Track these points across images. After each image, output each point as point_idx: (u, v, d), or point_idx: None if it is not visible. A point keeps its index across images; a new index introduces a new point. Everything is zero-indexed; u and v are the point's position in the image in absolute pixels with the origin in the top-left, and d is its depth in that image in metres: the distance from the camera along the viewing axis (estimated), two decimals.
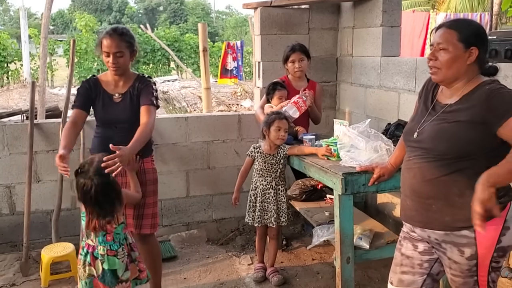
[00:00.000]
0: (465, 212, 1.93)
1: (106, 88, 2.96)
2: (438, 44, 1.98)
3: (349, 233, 2.89)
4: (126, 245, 2.65)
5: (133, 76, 2.99)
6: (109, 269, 2.55)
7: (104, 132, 2.96)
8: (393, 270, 2.28)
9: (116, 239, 2.59)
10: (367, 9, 4.17)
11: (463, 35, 1.91)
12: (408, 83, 3.70)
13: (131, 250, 2.70)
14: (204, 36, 6.74)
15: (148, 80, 3.00)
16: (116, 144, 2.62)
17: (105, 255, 2.56)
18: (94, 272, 2.58)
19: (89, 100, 2.95)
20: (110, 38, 2.82)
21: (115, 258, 2.57)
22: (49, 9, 6.23)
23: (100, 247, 2.56)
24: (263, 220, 3.49)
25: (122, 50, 2.85)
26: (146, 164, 3.01)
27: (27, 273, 3.68)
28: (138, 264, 2.74)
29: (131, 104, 2.92)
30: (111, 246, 2.57)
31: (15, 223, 3.98)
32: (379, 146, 2.83)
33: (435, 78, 2.03)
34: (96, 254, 2.56)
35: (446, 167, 1.96)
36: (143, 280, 2.78)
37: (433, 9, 13.49)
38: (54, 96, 14.66)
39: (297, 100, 3.63)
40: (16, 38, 25.93)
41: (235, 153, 4.43)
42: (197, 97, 12.52)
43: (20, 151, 3.90)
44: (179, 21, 46.04)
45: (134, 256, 2.72)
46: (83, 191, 2.46)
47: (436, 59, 1.98)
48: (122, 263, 2.59)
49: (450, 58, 1.95)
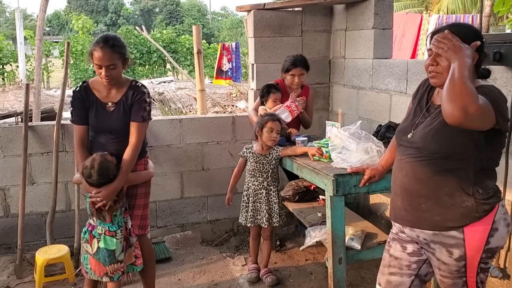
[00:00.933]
0: (454, 213, 1.97)
1: (98, 96, 2.88)
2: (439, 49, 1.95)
3: (341, 234, 2.92)
4: (124, 229, 2.84)
5: (126, 83, 2.92)
6: (104, 248, 2.75)
7: (98, 138, 2.92)
8: (381, 271, 2.31)
9: (114, 221, 2.79)
10: (359, 12, 4.21)
11: (464, 40, 1.88)
12: (399, 85, 3.74)
13: (129, 235, 2.89)
14: (199, 39, 6.75)
15: (142, 91, 2.91)
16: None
17: (102, 234, 2.76)
18: (90, 250, 2.78)
19: (85, 111, 2.89)
20: (102, 51, 2.71)
21: (113, 238, 2.77)
22: (44, 11, 6.23)
23: (99, 227, 2.77)
24: (256, 220, 3.52)
25: (114, 63, 2.77)
26: (138, 166, 3.01)
27: (21, 276, 3.69)
28: (135, 250, 2.93)
29: (124, 114, 2.88)
30: (109, 227, 2.77)
31: (9, 225, 3.99)
32: (370, 148, 2.87)
33: (435, 82, 2.02)
34: (94, 233, 2.78)
35: (437, 166, 1.99)
36: (138, 267, 2.97)
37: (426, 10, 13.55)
38: (50, 97, 14.64)
39: (290, 104, 3.68)
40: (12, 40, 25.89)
41: (229, 154, 4.46)
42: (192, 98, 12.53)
43: (15, 154, 3.91)
44: (175, 23, 46.04)
45: (132, 242, 2.91)
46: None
47: (437, 64, 1.97)
48: (119, 243, 2.79)
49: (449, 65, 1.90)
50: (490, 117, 1.82)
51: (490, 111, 1.81)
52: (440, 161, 1.98)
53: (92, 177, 2.69)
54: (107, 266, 2.75)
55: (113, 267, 2.77)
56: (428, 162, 2.01)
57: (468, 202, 1.96)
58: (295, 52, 4.52)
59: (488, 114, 1.81)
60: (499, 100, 1.88)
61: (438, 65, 1.98)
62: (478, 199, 1.96)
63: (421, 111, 2.14)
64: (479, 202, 1.96)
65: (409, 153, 2.08)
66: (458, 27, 2.00)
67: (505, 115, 1.90)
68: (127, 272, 2.91)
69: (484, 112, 1.78)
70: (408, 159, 2.09)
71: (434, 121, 2.01)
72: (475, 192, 1.96)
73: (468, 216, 1.97)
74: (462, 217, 1.97)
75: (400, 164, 2.15)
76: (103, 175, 2.69)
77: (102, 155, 2.74)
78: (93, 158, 2.73)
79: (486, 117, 1.81)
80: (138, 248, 2.97)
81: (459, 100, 1.71)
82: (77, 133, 2.93)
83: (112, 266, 2.76)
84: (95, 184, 2.71)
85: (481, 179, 1.98)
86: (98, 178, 2.68)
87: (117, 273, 2.79)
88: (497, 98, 1.87)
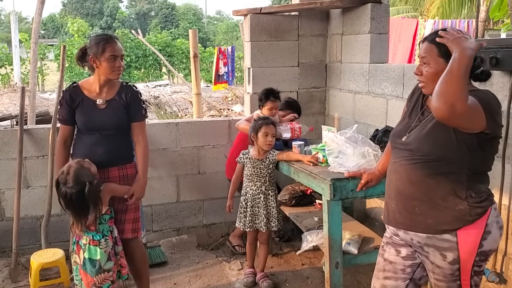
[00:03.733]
0: (448, 216, 1.99)
1: (88, 95, 2.90)
2: (422, 58, 2.03)
3: (338, 238, 2.92)
4: (110, 237, 2.82)
5: (117, 84, 2.96)
6: (89, 258, 2.73)
7: (87, 139, 2.90)
8: (375, 276, 2.31)
9: (99, 230, 2.76)
10: (356, 16, 4.22)
11: (443, 50, 1.93)
12: (396, 89, 3.75)
13: (115, 244, 2.86)
14: (195, 42, 6.76)
15: (136, 90, 2.99)
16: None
17: (87, 244, 2.74)
18: (78, 260, 2.77)
19: (72, 112, 2.90)
20: (117, 42, 2.86)
21: (96, 247, 2.74)
22: (39, 15, 6.21)
23: (84, 237, 2.75)
24: (254, 224, 3.51)
25: (123, 55, 2.92)
26: (129, 169, 2.99)
27: (16, 280, 3.67)
28: (120, 259, 2.90)
29: (118, 112, 2.89)
30: (93, 236, 2.75)
31: (4, 229, 3.96)
32: (366, 152, 2.87)
33: (425, 91, 2.07)
34: (80, 243, 2.77)
35: (430, 169, 2.00)
36: (124, 276, 2.97)
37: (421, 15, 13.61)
38: (45, 100, 14.60)
39: (295, 125, 3.76)
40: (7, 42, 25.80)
41: (225, 158, 4.44)
42: (188, 102, 12.53)
43: (10, 157, 3.89)
44: (171, 26, 45.98)
45: (117, 250, 2.88)
46: (65, 200, 2.66)
47: (421, 73, 2.03)
48: (104, 253, 2.75)
49: (432, 73, 1.98)
50: (479, 120, 1.84)
51: (480, 114, 1.83)
52: (434, 164, 1.99)
53: (68, 183, 2.64)
54: (94, 277, 2.73)
55: (100, 277, 2.74)
56: (421, 165, 2.01)
57: (461, 205, 1.97)
58: (292, 56, 4.54)
59: (476, 117, 1.84)
60: (492, 105, 1.90)
61: (422, 74, 2.02)
62: (471, 202, 1.97)
63: (416, 114, 2.15)
64: (472, 205, 1.97)
65: (403, 156, 2.09)
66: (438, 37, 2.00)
67: (497, 120, 1.91)
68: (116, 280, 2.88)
69: (473, 113, 1.81)
70: (402, 161, 2.10)
71: (428, 123, 2.03)
72: (468, 196, 1.97)
73: (461, 219, 1.98)
74: (455, 220, 1.98)
75: (394, 167, 2.16)
76: (79, 182, 2.63)
77: (79, 162, 2.71)
78: (69, 165, 2.70)
79: (475, 119, 1.84)
80: (123, 257, 2.95)
81: (451, 93, 1.74)
82: (62, 132, 2.98)
83: (100, 276, 2.74)
84: (64, 195, 2.65)
85: (474, 183, 1.99)
86: (73, 185, 2.63)
87: (105, 282, 2.77)
88: (489, 103, 1.89)
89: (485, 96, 1.91)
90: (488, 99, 1.90)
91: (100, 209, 2.77)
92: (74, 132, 2.98)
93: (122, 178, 2.96)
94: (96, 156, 2.82)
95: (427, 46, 2.01)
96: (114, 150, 2.90)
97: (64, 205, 2.70)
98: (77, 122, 2.93)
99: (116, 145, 2.91)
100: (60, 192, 2.68)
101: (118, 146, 2.92)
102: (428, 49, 2.00)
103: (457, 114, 1.75)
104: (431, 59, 1.99)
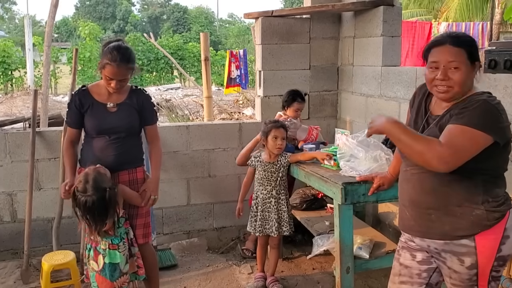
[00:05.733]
0: (464, 222, 1.95)
1: (98, 99, 2.89)
2: (449, 62, 1.93)
3: (349, 243, 2.89)
4: (127, 239, 2.83)
5: (127, 87, 2.96)
6: (110, 263, 2.72)
7: (97, 143, 2.89)
8: (391, 280, 2.28)
9: (117, 233, 2.76)
10: (368, 19, 4.20)
11: (470, 53, 1.92)
12: (408, 93, 3.71)
13: (131, 245, 2.88)
14: (206, 46, 6.76)
15: (147, 94, 3.02)
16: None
17: (106, 249, 2.73)
18: (96, 267, 2.75)
19: (80, 116, 2.90)
20: (118, 68, 2.74)
21: (116, 251, 2.74)
22: (52, 18, 6.27)
23: (102, 242, 2.74)
24: (264, 229, 3.49)
25: (126, 77, 2.83)
26: (138, 173, 3.00)
27: (27, 281, 3.69)
28: (137, 260, 2.92)
29: (129, 114, 2.90)
30: (112, 240, 2.75)
31: (16, 230, 3.99)
32: (378, 156, 2.84)
33: (446, 96, 1.98)
34: (98, 249, 2.75)
35: (443, 177, 1.95)
36: (141, 277, 2.98)
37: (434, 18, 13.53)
38: (58, 103, 14.68)
39: (313, 129, 3.79)
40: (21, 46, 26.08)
41: (235, 161, 4.43)
42: (199, 105, 12.54)
43: (22, 159, 3.92)
44: (182, 30, 46.25)
45: (134, 252, 2.91)
46: (85, 208, 2.63)
47: (448, 78, 1.94)
48: (123, 256, 2.77)
49: (464, 77, 1.92)
50: (480, 141, 1.82)
51: (477, 137, 1.81)
52: (447, 173, 1.95)
53: (88, 191, 2.61)
54: (114, 282, 2.74)
55: (119, 281, 2.76)
56: (434, 174, 1.97)
57: (478, 210, 1.94)
58: (303, 59, 4.53)
59: (475, 141, 1.81)
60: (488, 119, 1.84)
61: (449, 79, 1.94)
62: (488, 207, 1.94)
63: (421, 121, 2.12)
64: (489, 210, 1.94)
65: (414, 165, 2.04)
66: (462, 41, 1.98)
67: (502, 128, 1.86)
68: (130, 280, 2.90)
69: (466, 143, 1.80)
70: (413, 170, 2.07)
71: (433, 132, 1.98)
72: (484, 201, 1.94)
73: (479, 224, 1.95)
74: (473, 225, 1.95)
75: (406, 175, 2.13)
76: (99, 189, 2.62)
77: (95, 169, 2.70)
78: (86, 173, 2.67)
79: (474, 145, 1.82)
80: (140, 258, 2.96)
81: (418, 156, 1.82)
82: (69, 134, 2.98)
83: (119, 280, 2.76)
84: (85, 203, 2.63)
85: (490, 188, 1.96)
86: (93, 192, 2.61)
87: (124, 285, 2.79)
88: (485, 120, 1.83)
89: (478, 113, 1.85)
90: (482, 115, 1.84)
91: (118, 213, 2.77)
92: (81, 135, 2.98)
93: (132, 182, 2.96)
94: (106, 160, 2.83)
95: (453, 50, 1.93)
96: (124, 154, 2.90)
97: (82, 213, 2.66)
98: (86, 126, 2.92)
99: (126, 148, 2.91)
100: (79, 201, 2.64)
101: (128, 150, 2.92)
102: (456, 53, 1.92)
103: (447, 161, 1.79)
104: (462, 63, 1.92)
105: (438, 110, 2.05)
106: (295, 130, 3.75)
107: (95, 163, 2.78)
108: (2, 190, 3.95)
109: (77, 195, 2.65)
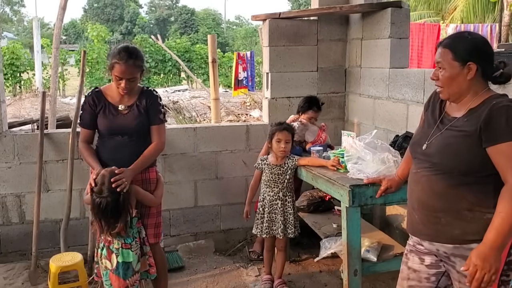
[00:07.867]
0: (475, 226, 1.94)
1: (111, 101, 2.96)
2: (437, 63, 2.02)
3: (357, 245, 2.88)
4: (139, 238, 2.87)
5: (138, 89, 3.01)
6: (123, 262, 2.76)
7: (110, 143, 2.97)
8: (400, 284, 2.27)
9: (129, 233, 2.80)
10: (376, 21, 4.18)
11: (457, 54, 1.94)
12: (416, 95, 3.69)
13: (143, 244, 2.91)
14: (213, 47, 6.78)
15: (155, 95, 3.04)
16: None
17: (119, 248, 2.77)
18: (109, 265, 2.79)
19: (94, 116, 2.97)
20: (126, 65, 2.79)
21: (129, 250, 2.78)
22: (60, 20, 6.29)
23: (115, 241, 2.77)
24: (271, 231, 3.48)
25: (135, 76, 2.87)
26: (151, 173, 3.04)
27: (35, 282, 3.70)
28: (148, 259, 2.95)
29: (139, 116, 2.95)
30: (125, 240, 2.78)
31: (24, 232, 4.01)
32: (386, 158, 2.83)
33: (442, 96, 2.07)
34: (111, 248, 2.78)
35: (455, 180, 1.95)
36: (152, 275, 3.01)
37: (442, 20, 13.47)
38: (66, 105, 14.76)
39: (322, 132, 3.83)
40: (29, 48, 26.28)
41: (243, 163, 4.44)
42: (206, 107, 12.57)
43: (30, 161, 3.93)
44: (190, 32, 46.36)
45: (146, 250, 2.94)
46: (100, 209, 2.67)
47: (437, 78, 2.03)
48: (135, 255, 2.81)
49: (448, 77, 1.98)
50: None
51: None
52: (459, 176, 1.94)
53: (103, 193, 2.66)
54: (127, 280, 2.78)
55: (132, 279, 2.80)
56: (444, 176, 1.97)
57: (490, 215, 1.91)
58: (311, 61, 4.52)
59: None
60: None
61: (438, 79, 2.02)
62: None
63: (435, 122, 2.10)
64: None
65: (425, 167, 2.05)
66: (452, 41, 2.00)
67: None
68: (141, 279, 2.93)
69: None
70: (424, 172, 2.06)
71: (449, 136, 1.98)
72: (495, 205, 1.91)
73: None
74: (483, 230, 1.92)
75: (416, 177, 2.11)
76: (114, 191, 2.66)
77: (111, 170, 2.74)
78: (102, 175, 2.72)
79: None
80: (152, 256, 3.00)
81: None
82: (83, 134, 3.04)
83: (132, 279, 2.80)
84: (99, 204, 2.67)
85: None
86: (108, 194, 2.66)
87: (136, 284, 2.83)
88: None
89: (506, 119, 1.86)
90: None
91: (131, 213, 2.81)
92: (94, 135, 3.04)
93: (144, 182, 3.00)
94: (120, 160, 2.87)
95: (442, 50, 2.00)
96: (137, 154, 2.92)
97: (96, 213, 2.71)
98: (99, 126, 2.99)
99: (139, 148, 2.95)
100: (94, 202, 2.70)
101: (140, 150, 2.95)
102: (442, 54, 1.99)
103: None
104: (446, 63, 1.98)
105: (453, 111, 2.06)
106: (303, 133, 3.76)
107: (109, 163, 2.84)
108: (11, 191, 3.97)
109: (93, 196, 2.70)
